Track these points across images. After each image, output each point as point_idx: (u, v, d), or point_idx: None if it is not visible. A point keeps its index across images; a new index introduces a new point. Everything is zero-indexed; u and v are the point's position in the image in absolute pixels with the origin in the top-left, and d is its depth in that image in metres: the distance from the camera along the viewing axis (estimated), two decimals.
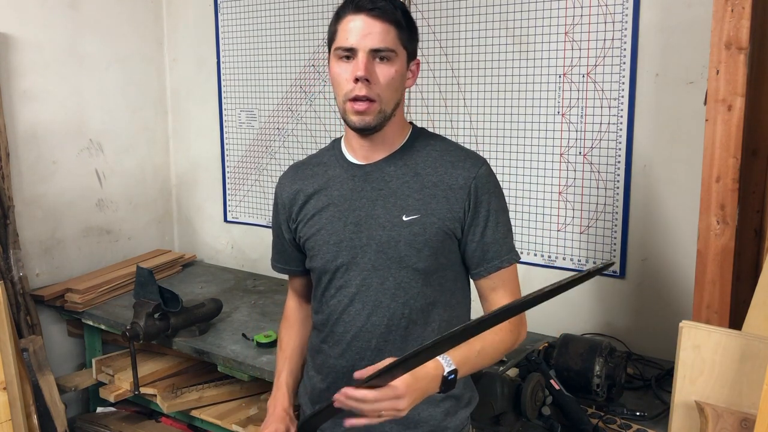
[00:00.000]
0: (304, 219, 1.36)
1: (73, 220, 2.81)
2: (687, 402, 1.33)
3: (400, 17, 1.24)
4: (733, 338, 1.28)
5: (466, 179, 1.28)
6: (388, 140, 1.32)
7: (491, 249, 1.30)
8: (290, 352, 1.50)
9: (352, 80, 1.21)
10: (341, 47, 1.23)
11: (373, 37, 1.21)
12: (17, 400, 1.97)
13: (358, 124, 1.25)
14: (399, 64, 1.25)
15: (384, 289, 1.28)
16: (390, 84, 1.24)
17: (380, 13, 1.21)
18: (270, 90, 2.85)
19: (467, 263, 1.33)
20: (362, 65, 1.20)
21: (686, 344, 1.33)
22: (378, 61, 1.22)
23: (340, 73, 1.24)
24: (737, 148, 1.47)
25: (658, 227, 2.05)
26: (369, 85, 1.21)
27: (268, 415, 1.42)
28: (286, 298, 1.57)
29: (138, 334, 2.15)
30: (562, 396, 1.69)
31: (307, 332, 1.51)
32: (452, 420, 1.34)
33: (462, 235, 1.30)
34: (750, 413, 1.23)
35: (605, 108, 2.07)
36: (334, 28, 1.26)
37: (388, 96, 1.25)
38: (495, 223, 1.30)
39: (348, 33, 1.22)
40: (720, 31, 1.45)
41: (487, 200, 1.29)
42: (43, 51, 2.65)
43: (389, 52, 1.23)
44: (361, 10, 1.21)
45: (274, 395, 1.45)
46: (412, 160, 1.31)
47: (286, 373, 1.47)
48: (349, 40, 1.21)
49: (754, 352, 1.25)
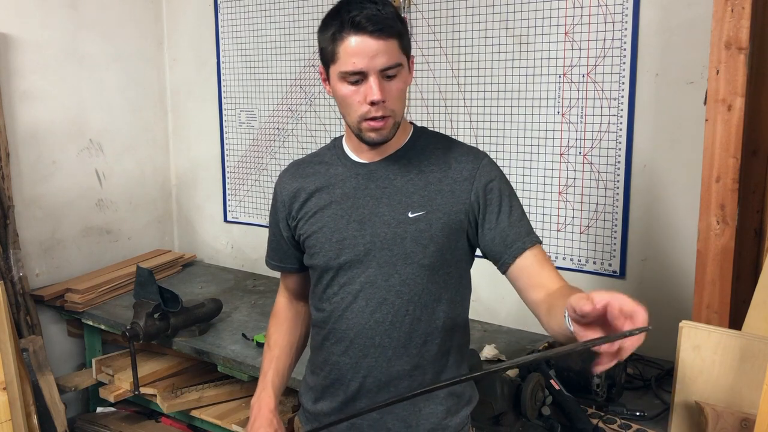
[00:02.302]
0: (305, 217, 1.36)
1: (73, 220, 2.81)
2: (687, 402, 1.33)
3: (399, 27, 1.22)
4: (733, 338, 1.28)
5: (471, 171, 1.29)
6: (392, 141, 1.32)
7: (511, 233, 1.27)
8: (278, 351, 1.48)
9: (365, 103, 1.20)
10: (348, 72, 1.19)
11: (381, 57, 1.18)
12: (17, 400, 1.97)
13: (377, 140, 1.25)
14: (405, 74, 1.25)
15: (389, 286, 1.28)
16: (400, 96, 1.25)
17: (383, 33, 1.18)
18: (270, 90, 2.85)
19: (490, 256, 1.30)
20: (377, 89, 1.18)
21: (686, 344, 1.33)
22: (386, 79, 1.21)
23: (350, 95, 1.22)
24: (737, 148, 1.47)
25: (658, 227, 2.05)
26: (383, 104, 1.21)
27: (253, 415, 1.40)
28: (277, 295, 1.56)
29: (138, 334, 2.14)
30: (562, 396, 1.69)
31: (297, 331, 1.51)
32: (453, 419, 1.34)
33: (469, 225, 1.29)
34: (750, 413, 1.23)
35: (605, 108, 2.07)
36: (333, 49, 1.21)
37: (400, 107, 1.26)
38: (509, 208, 1.29)
39: (352, 56, 1.18)
40: (720, 31, 1.45)
41: (497, 187, 1.29)
42: (43, 51, 2.65)
43: (398, 67, 1.22)
44: (363, 31, 1.17)
45: (258, 395, 1.43)
46: (415, 158, 1.32)
47: (273, 373, 1.45)
48: (357, 65, 1.18)
49: (754, 352, 1.25)
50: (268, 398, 1.41)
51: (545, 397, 1.69)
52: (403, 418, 1.31)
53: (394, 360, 1.28)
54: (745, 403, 1.26)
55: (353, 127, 1.26)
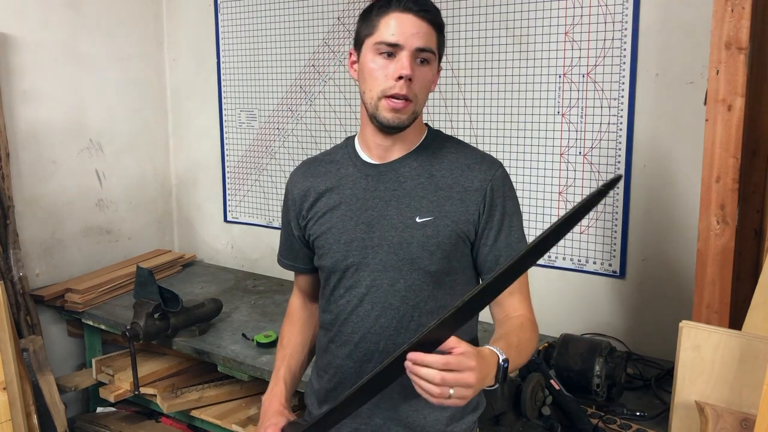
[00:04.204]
0: (314, 217, 1.35)
1: (73, 220, 2.81)
2: (687, 402, 1.33)
3: (442, 22, 1.25)
4: (733, 338, 1.28)
5: (482, 181, 1.27)
6: (407, 140, 1.31)
7: (504, 253, 1.28)
8: (291, 349, 1.47)
9: (393, 78, 1.20)
10: (385, 42, 1.20)
11: (419, 36, 1.20)
12: (17, 400, 1.97)
13: (392, 122, 1.23)
14: (434, 67, 1.26)
15: (394, 291, 1.27)
16: (426, 86, 1.24)
17: (428, 15, 1.21)
18: (270, 90, 2.85)
19: (479, 268, 1.32)
20: (408, 64, 1.19)
21: (686, 344, 1.33)
22: (418, 62, 1.22)
23: (379, 68, 1.22)
24: (737, 148, 1.47)
25: (658, 227, 2.05)
26: (410, 84, 1.21)
27: (264, 410, 1.39)
28: (291, 296, 1.55)
29: (138, 334, 2.14)
30: (562, 396, 1.69)
31: (309, 331, 1.50)
32: (458, 425, 1.32)
33: (475, 238, 1.29)
34: (750, 413, 1.23)
35: (605, 108, 2.07)
36: (375, 22, 1.23)
37: (423, 97, 1.25)
38: (509, 228, 1.29)
39: (394, 29, 1.20)
40: (720, 31, 1.45)
41: (502, 203, 1.28)
42: (43, 51, 2.65)
43: (430, 54, 1.23)
44: (410, 10, 1.20)
45: (271, 390, 1.42)
46: (427, 161, 1.30)
47: (285, 370, 1.44)
48: (395, 36, 1.20)
49: (754, 352, 1.25)
50: (280, 393, 1.40)
51: (545, 397, 1.69)
52: (407, 425, 1.30)
53: None
54: (745, 403, 1.25)
55: (371, 105, 1.25)
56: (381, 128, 1.26)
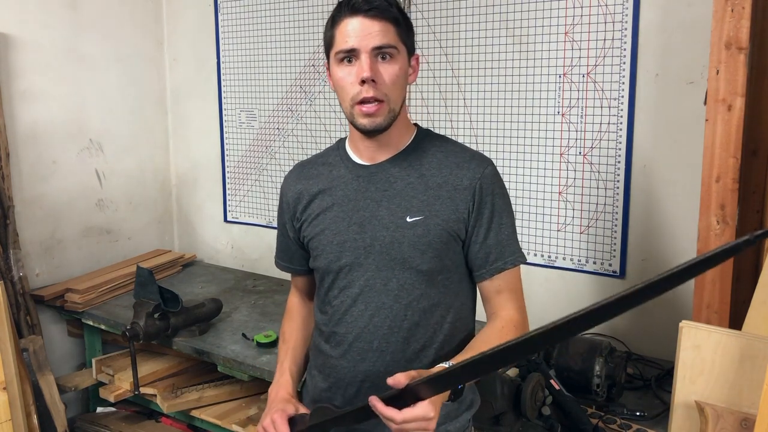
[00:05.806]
0: (308, 219, 1.36)
1: (73, 220, 2.81)
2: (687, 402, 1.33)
3: (397, 14, 1.24)
4: (733, 338, 1.28)
5: (472, 180, 1.27)
6: (394, 141, 1.31)
7: (494, 251, 1.29)
8: (294, 343, 1.47)
9: (357, 83, 1.20)
10: (342, 50, 1.21)
11: (373, 36, 1.19)
12: (17, 400, 1.97)
13: (368, 127, 1.23)
14: (401, 60, 1.24)
15: (387, 291, 1.28)
16: (395, 82, 1.23)
17: (377, 13, 1.20)
18: (270, 90, 2.85)
19: (470, 265, 1.32)
20: (367, 66, 1.19)
21: (686, 344, 1.33)
22: (381, 60, 1.21)
23: (344, 77, 1.22)
24: (737, 148, 1.47)
25: (658, 227, 2.05)
26: (375, 85, 1.20)
27: (272, 398, 1.37)
28: (289, 295, 1.56)
29: (138, 334, 2.14)
30: (562, 396, 1.69)
31: (310, 328, 1.50)
32: (453, 423, 1.33)
33: (466, 236, 1.29)
34: (750, 413, 1.23)
35: (605, 108, 2.07)
36: (331, 33, 1.24)
37: (395, 94, 1.24)
38: (498, 225, 1.29)
39: (347, 35, 1.20)
40: (720, 31, 1.45)
41: (491, 201, 1.28)
42: (43, 51, 2.65)
43: (391, 49, 1.22)
44: (358, 11, 1.20)
45: (277, 381, 1.41)
46: (417, 161, 1.31)
47: (290, 362, 1.43)
48: (349, 42, 1.20)
49: (754, 352, 1.25)
50: (286, 383, 1.39)
51: (545, 397, 1.69)
52: None
53: (392, 365, 1.27)
54: (745, 403, 1.25)
55: (348, 114, 1.26)
56: (363, 133, 1.27)
